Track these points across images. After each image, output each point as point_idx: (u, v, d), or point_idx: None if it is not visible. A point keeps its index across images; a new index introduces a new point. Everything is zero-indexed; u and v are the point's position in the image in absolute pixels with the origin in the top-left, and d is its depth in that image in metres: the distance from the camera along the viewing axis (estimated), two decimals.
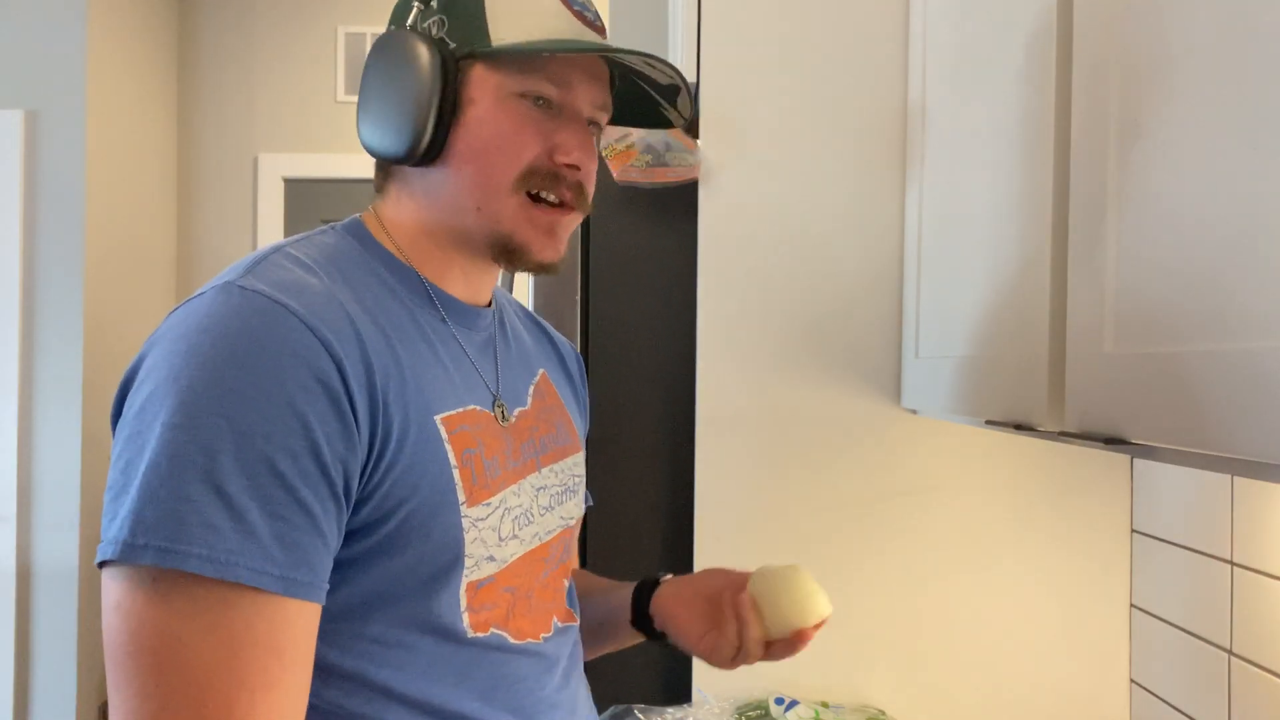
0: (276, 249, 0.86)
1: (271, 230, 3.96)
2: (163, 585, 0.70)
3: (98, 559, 0.73)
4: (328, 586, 0.77)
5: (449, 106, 0.87)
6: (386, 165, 0.93)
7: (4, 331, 3.21)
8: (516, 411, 0.96)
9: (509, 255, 0.91)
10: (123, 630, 0.71)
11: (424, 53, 0.87)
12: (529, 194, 0.89)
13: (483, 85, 0.88)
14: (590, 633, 1.11)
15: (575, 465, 1.04)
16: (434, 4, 0.89)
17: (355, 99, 3.99)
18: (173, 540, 0.70)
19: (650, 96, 0.98)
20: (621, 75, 0.96)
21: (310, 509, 0.74)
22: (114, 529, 0.72)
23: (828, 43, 1.52)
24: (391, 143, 0.88)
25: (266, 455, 0.73)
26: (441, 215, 0.90)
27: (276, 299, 0.77)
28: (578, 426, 1.09)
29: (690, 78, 1.54)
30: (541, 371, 1.05)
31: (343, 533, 0.79)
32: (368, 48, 4.00)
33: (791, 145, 1.52)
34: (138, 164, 3.65)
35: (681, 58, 1.57)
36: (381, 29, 3.96)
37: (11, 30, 3.24)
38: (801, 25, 1.52)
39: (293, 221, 4.00)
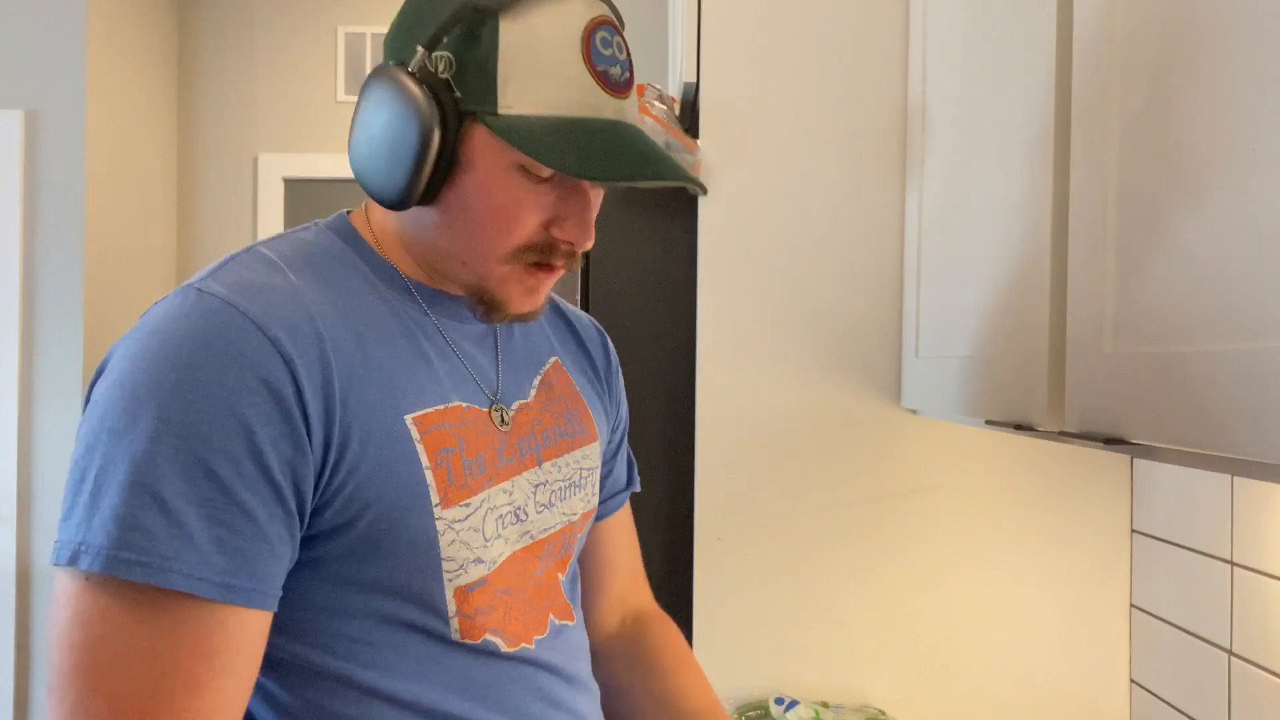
0: (249, 249, 0.85)
1: (271, 230, 3.96)
2: (94, 587, 0.71)
3: (50, 560, 0.73)
4: (279, 592, 0.76)
5: (445, 164, 0.81)
6: None
7: (4, 331, 3.21)
8: (516, 404, 0.93)
9: (486, 306, 0.88)
10: (56, 624, 0.72)
11: (425, 111, 0.79)
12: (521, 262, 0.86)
13: (482, 151, 0.81)
14: None
15: (585, 457, 1.00)
16: (445, 42, 0.80)
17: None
18: (109, 545, 0.70)
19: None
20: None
21: (252, 514, 0.74)
22: (62, 531, 0.73)
23: (828, 43, 1.52)
24: (380, 189, 0.83)
25: (203, 459, 0.72)
26: (425, 249, 0.88)
27: (229, 300, 0.77)
28: (596, 414, 1.04)
29: (690, 78, 1.54)
30: (553, 360, 1.01)
31: (296, 538, 0.77)
32: (368, 48, 4.00)
33: (791, 145, 1.52)
34: (138, 164, 3.65)
35: (681, 58, 1.57)
36: (382, 29, 3.96)
37: (11, 30, 3.24)
38: (801, 25, 1.52)
39: (293, 221, 4.00)
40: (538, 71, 0.80)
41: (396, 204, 0.83)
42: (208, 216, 3.98)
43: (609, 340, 1.11)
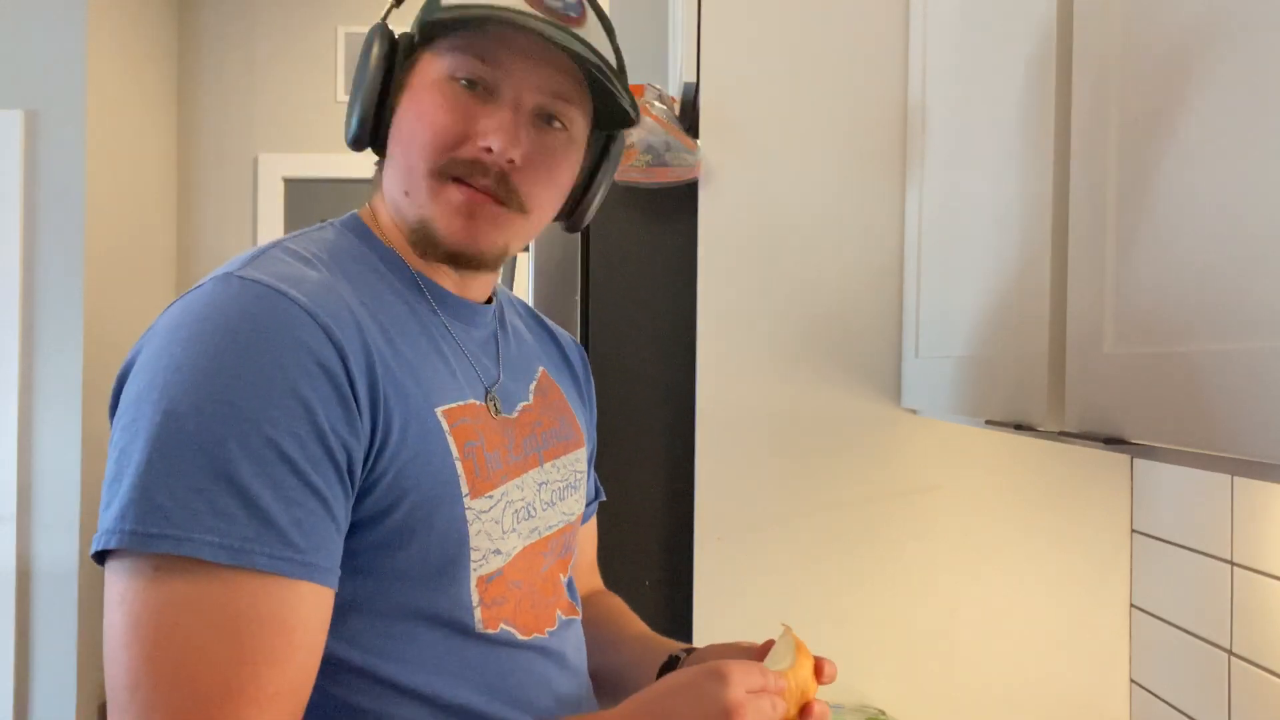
0: (274, 244, 0.86)
1: (271, 230, 3.96)
2: (163, 573, 0.70)
3: (97, 547, 0.72)
4: (340, 572, 0.78)
5: (390, 96, 0.88)
6: (380, 161, 0.95)
7: (4, 331, 3.21)
8: (520, 406, 0.96)
9: (428, 243, 0.88)
10: (120, 622, 0.71)
11: (376, 44, 0.88)
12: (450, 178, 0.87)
13: (422, 72, 0.88)
14: (608, 686, 1.09)
15: (577, 461, 1.04)
16: None
17: None
18: (185, 529, 0.70)
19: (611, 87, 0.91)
20: (582, 66, 0.89)
21: (321, 493, 0.75)
22: (111, 518, 0.71)
23: (828, 43, 1.52)
24: (348, 132, 0.90)
25: (273, 440, 0.72)
26: (390, 206, 0.91)
27: (277, 287, 0.77)
28: (581, 421, 1.08)
29: (690, 78, 1.54)
30: (542, 369, 1.05)
31: (349, 518, 0.79)
32: None
33: (791, 145, 1.52)
34: (138, 164, 3.65)
35: (681, 58, 1.57)
36: None
37: (11, 30, 3.24)
38: (801, 25, 1.52)
39: (293, 221, 4.00)
40: None
41: (354, 143, 0.90)
42: (208, 216, 3.98)
43: (586, 356, 1.16)
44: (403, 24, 3.66)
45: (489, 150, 0.85)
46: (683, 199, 1.55)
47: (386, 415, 0.80)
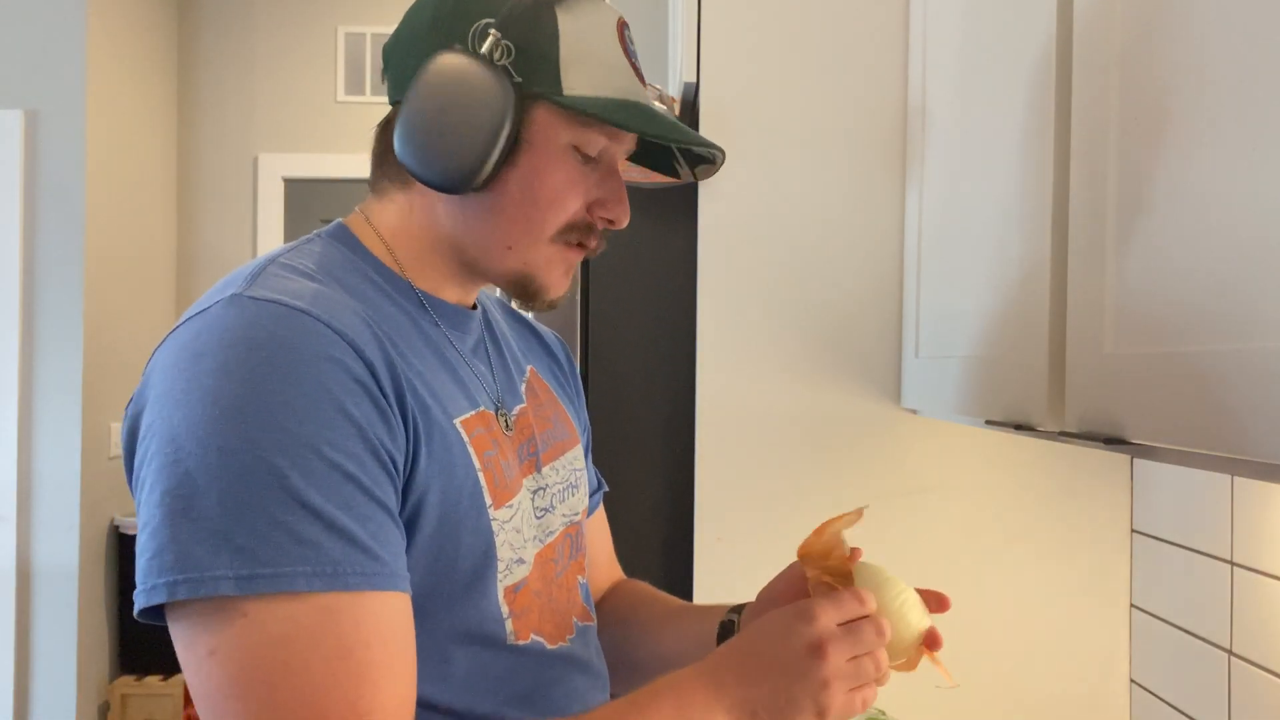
0: (270, 260, 0.83)
1: (271, 230, 3.96)
2: (256, 614, 0.68)
3: (176, 596, 0.68)
4: None
5: (509, 146, 0.83)
6: (394, 170, 0.89)
7: (4, 331, 3.21)
8: (516, 409, 0.95)
9: (524, 293, 0.90)
10: (220, 674, 0.68)
11: (498, 91, 0.82)
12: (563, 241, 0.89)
13: (544, 130, 0.85)
14: (662, 664, 1.05)
15: (575, 459, 1.03)
16: (506, 31, 0.83)
17: (355, 99, 4.00)
18: (274, 564, 0.68)
19: (669, 149, 0.98)
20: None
21: (386, 505, 0.75)
22: (185, 566, 0.68)
23: (828, 43, 1.52)
24: (440, 173, 0.83)
25: (335, 462, 0.71)
26: (462, 241, 0.88)
27: (294, 305, 0.75)
28: (573, 416, 1.07)
29: (690, 78, 1.54)
30: (530, 368, 1.04)
31: None
32: (368, 48, 4.00)
33: (791, 145, 1.52)
34: (138, 164, 3.65)
35: (681, 58, 1.57)
36: (382, 29, 3.96)
37: (11, 30, 3.24)
38: (801, 25, 1.52)
39: (292, 221, 4.01)
40: (592, 59, 0.85)
41: (460, 185, 0.83)
42: (208, 216, 3.98)
43: (568, 348, 1.16)
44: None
45: (610, 222, 0.90)
46: (683, 199, 1.55)
47: (415, 428, 0.78)
